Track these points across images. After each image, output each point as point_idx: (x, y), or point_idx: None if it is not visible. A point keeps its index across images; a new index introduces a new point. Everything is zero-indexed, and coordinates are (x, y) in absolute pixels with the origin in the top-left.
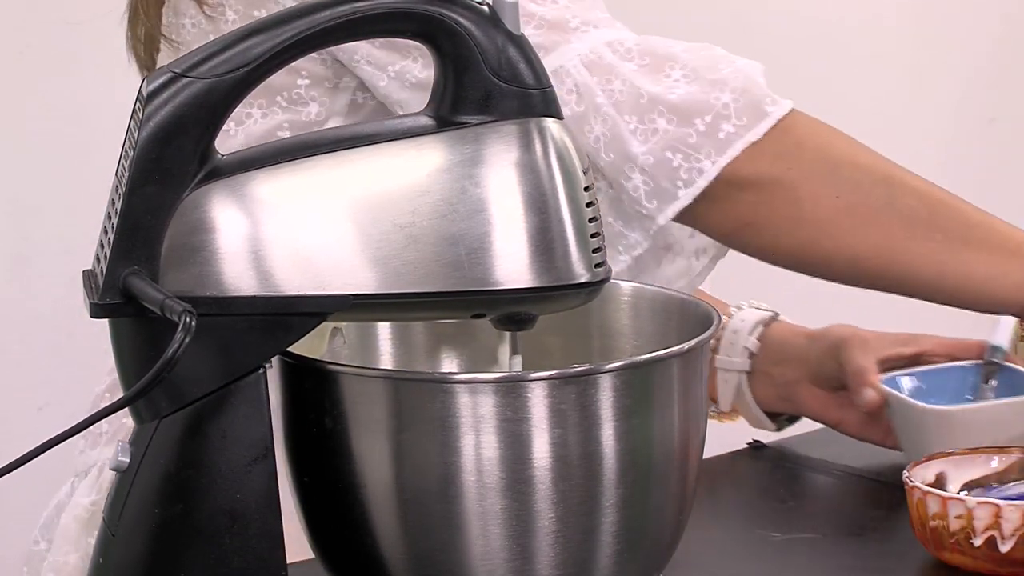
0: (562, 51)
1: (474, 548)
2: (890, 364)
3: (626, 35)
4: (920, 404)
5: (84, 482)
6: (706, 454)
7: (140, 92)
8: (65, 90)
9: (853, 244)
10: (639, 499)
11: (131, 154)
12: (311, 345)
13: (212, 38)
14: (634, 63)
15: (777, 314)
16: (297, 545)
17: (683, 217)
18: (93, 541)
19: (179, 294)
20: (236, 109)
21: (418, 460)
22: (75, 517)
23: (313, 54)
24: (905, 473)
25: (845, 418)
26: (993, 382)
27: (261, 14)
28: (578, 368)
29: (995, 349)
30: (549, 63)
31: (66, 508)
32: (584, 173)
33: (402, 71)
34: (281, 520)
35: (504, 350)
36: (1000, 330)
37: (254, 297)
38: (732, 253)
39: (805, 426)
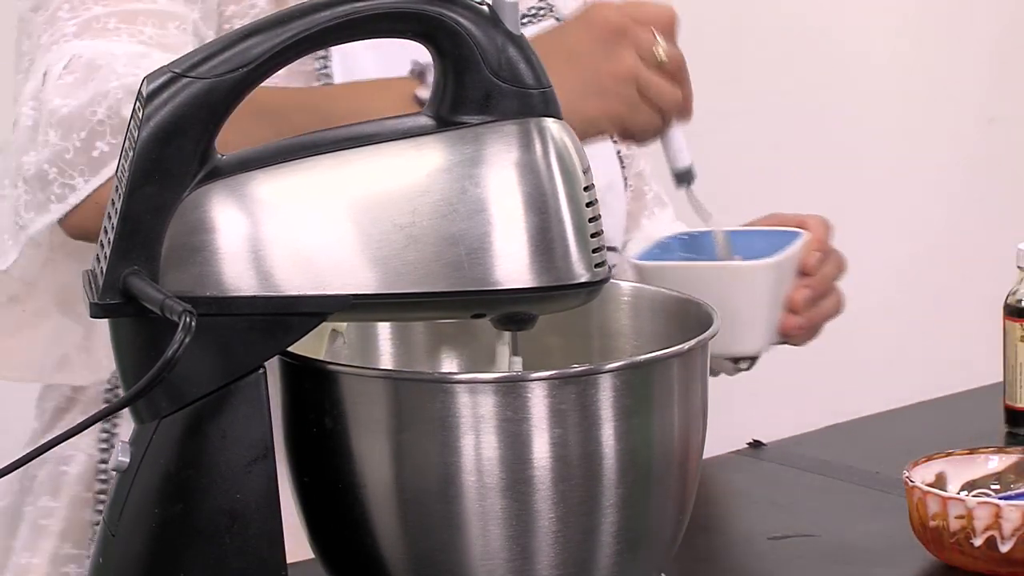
0: (37, 64)
1: (474, 548)
2: None
3: (99, 46)
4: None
5: None
6: (706, 454)
7: (140, 92)
8: None
9: None
10: (639, 499)
11: (131, 154)
12: (311, 345)
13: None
14: (71, 76)
15: None
16: (297, 546)
17: (73, 231)
18: (14, 543)
19: (179, 294)
20: None
21: (418, 460)
22: None
23: None
24: (905, 473)
25: None
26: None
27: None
28: (578, 368)
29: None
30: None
31: None
32: (584, 173)
33: None
34: (281, 520)
35: (504, 350)
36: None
37: (254, 297)
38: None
39: (805, 426)
